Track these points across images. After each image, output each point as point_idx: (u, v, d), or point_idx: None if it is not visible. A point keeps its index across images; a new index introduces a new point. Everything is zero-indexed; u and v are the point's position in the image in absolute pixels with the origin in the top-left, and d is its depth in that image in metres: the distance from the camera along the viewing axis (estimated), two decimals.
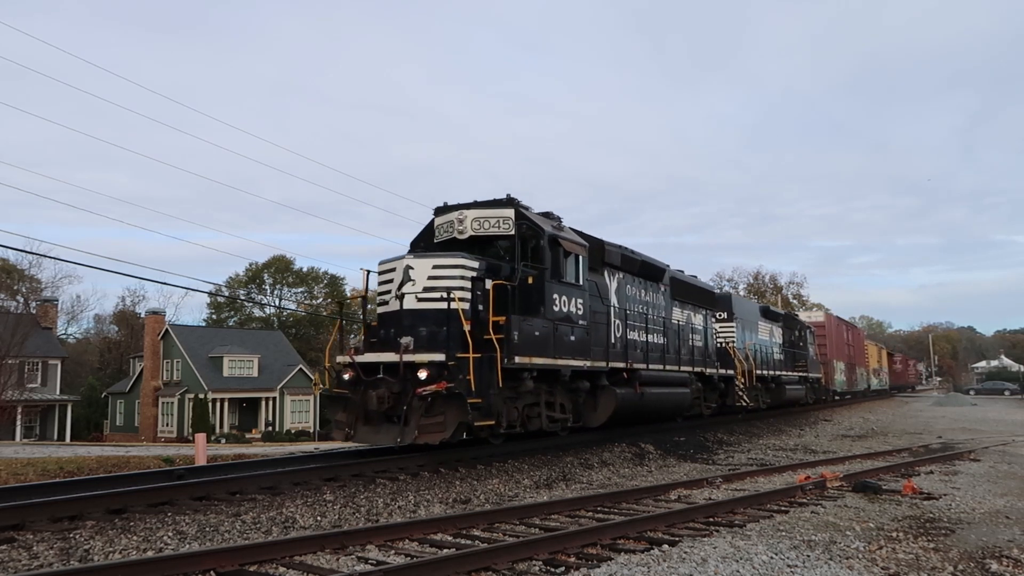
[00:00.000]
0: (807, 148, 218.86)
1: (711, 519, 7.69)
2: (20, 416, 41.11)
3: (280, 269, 69.26)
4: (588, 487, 10.44)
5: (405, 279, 10.86)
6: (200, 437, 14.13)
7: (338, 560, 5.93)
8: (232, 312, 69.22)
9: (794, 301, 72.30)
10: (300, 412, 49.50)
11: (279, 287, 71.59)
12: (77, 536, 6.16)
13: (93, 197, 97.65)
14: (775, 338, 27.16)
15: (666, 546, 6.37)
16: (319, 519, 7.46)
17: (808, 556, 6.11)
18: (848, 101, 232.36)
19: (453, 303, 10.40)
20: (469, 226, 12.36)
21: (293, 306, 69.59)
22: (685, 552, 6.15)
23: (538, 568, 5.74)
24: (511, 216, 12.17)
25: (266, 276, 69.90)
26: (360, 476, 9.50)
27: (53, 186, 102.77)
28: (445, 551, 6.06)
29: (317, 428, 46.34)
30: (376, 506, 8.19)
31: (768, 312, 27.75)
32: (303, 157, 74.94)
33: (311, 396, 47.96)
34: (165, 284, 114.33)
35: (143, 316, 55.12)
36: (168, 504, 7.42)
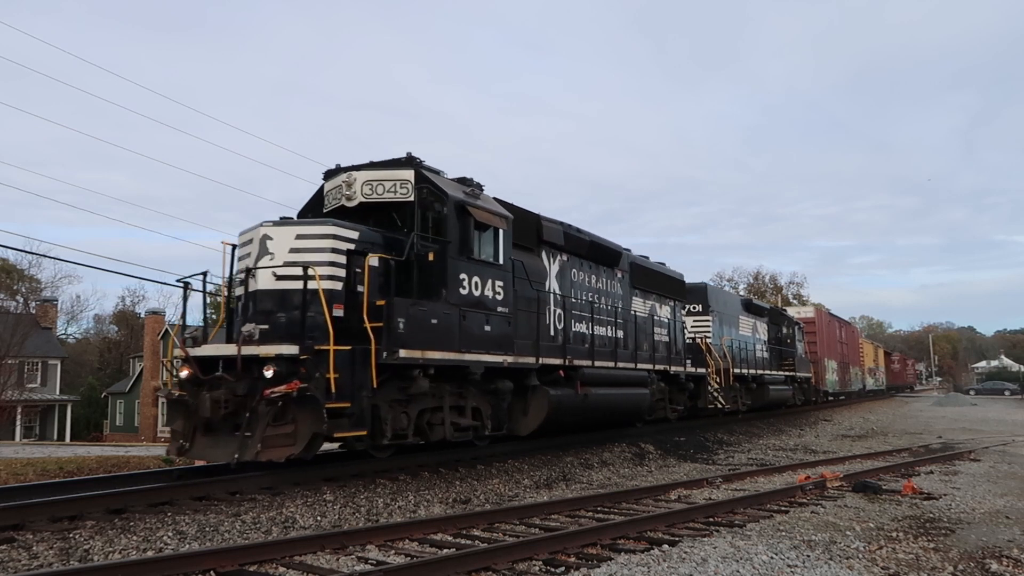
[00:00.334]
0: (808, 148, 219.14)
1: (711, 519, 7.69)
2: (20, 416, 41.10)
3: None
4: (588, 487, 10.44)
5: (262, 252, 8.88)
6: None
7: (338, 560, 5.92)
8: None
9: (794, 301, 72.08)
10: None
11: None
12: (77, 536, 6.16)
13: (93, 197, 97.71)
14: (759, 334, 25.13)
15: (666, 546, 6.37)
16: (319, 519, 7.46)
17: (808, 556, 6.11)
18: (849, 101, 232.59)
19: (312, 282, 8.42)
20: (359, 191, 10.24)
21: None
22: (685, 552, 6.15)
23: (538, 568, 5.73)
24: (410, 179, 10.06)
25: None
26: (360, 476, 9.49)
27: (53, 186, 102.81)
28: (445, 551, 6.06)
29: None
30: (376, 506, 8.18)
31: (751, 306, 25.54)
32: (304, 157, 75.00)
33: None
34: (165, 284, 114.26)
35: (143, 316, 55.10)
36: (168, 504, 7.42)
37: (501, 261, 10.90)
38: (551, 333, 12.33)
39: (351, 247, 9.22)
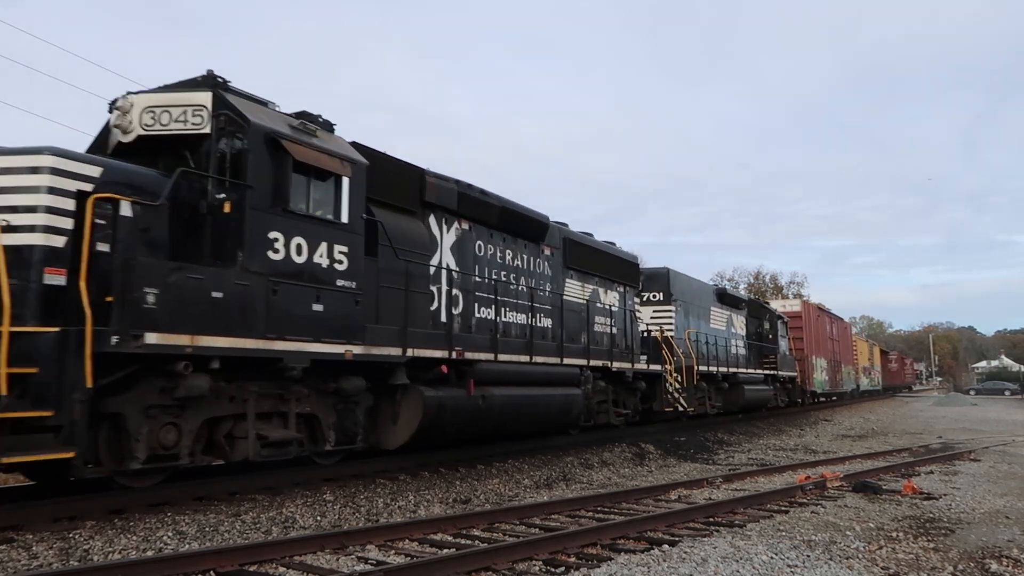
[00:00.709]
0: (810, 147, 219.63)
1: (711, 519, 7.69)
2: None
3: None
4: (588, 487, 10.44)
5: None
6: None
7: (338, 560, 5.92)
8: None
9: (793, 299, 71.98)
10: None
11: None
12: (76, 536, 6.15)
13: None
14: (735, 328, 23.04)
15: (666, 546, 6.36)
16: (319, 519, 7.46)
17: (808, 556, 6.11)
18: (851, 100, 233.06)
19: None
20: (138, 120, 7.74)
21: None
22: (685, 552, 6.15)
23: (538, 568, 5.73)
24: (205, 104, 7.66)
25: None
26: (360, 476, 9.49)
27: None
28: (445, 551, 6.05)
29: None
30: (376, 506, 8.18)
31: (725, 296, 23.16)
32: None
33: None
34: None
35: None
36: (167, 504, 7.41)
37: (345, 219, 8.41)
38: (441, 319, 10.19)
39: (85, 187, 6.65)
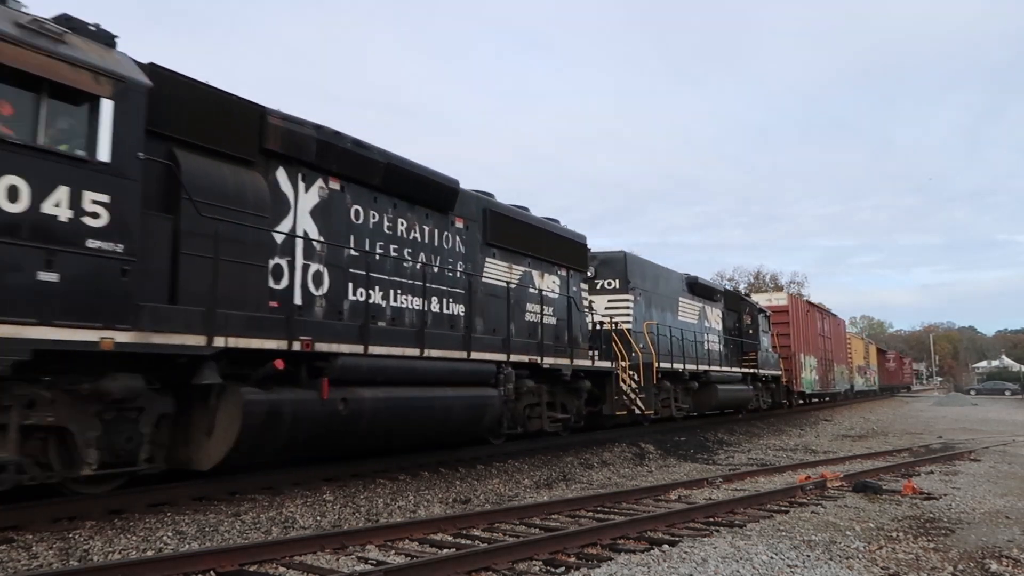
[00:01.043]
0: (810, 147, 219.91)
1: (711, 519, 7.68)
2: None
3: None
4: (588, 487, 10.44)
5: None
6: None
7: (338, 560, 5.92)
8: None
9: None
10: None
11: None
12: (76, 536, 6.15)
13: None
14: (709, 322, 21.19)
15: (666, 546, 6.36)
16: (319, 519, 7.46)
17: (808, 556, 6.11)
18: (852, 99, 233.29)
19: None
20: None
21: None
22: (685, 552, 6.15)
23: (538, 568, 5.73)
24: None
25: None
26: (360, 476, 9.49)
27: None
28: (445, 551, 6.05)
29: None
30: (376, 506, 8.18)
31: (698, 287, 20.87)
32: None
33: None
34: None
35: None
36: (167, 504, 7.41)
37: (105, 157, 6.34)
38: (295, 300, 8.34)
39: None
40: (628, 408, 14.88)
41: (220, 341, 7.08)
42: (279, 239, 8.34)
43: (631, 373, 15.05)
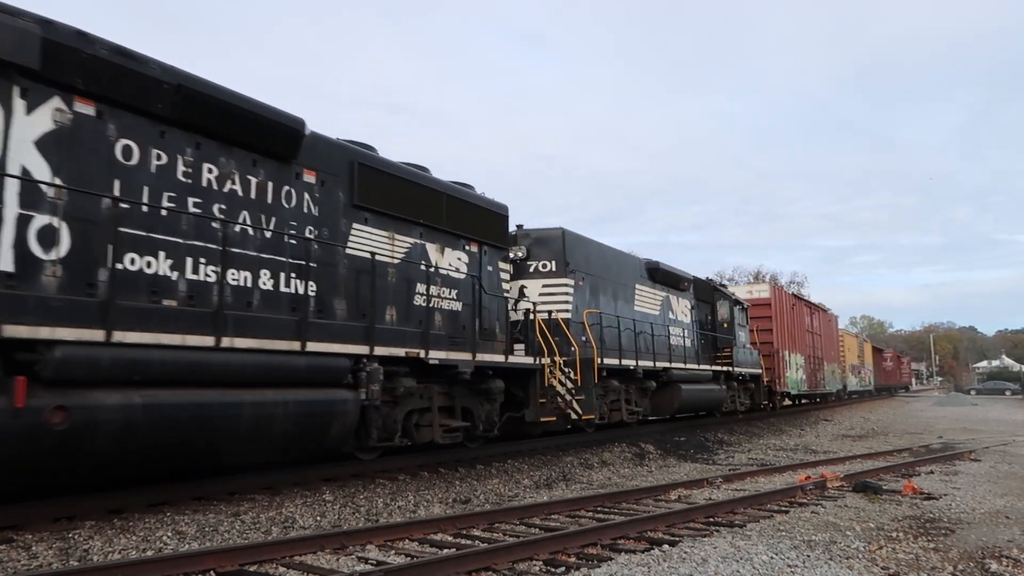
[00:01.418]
0: (810, 146, 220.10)
1: (711, 519, 7.68)
2: None
3: None
4: (588, 487, 10.44)
5: None
6: None
7: (338, 560, 5.92)
8: None
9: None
10: None
11: None
12: (76, 536, 6.15)
13: None
14: (675, 314, 18.86)
15: (666, 546, 6.36)
16: (319, 519, 7.46)
17: (808, 556, 6.11)
18: (852, 99, 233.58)
19: None
20: None
21: None
22: (685, 552, 6.15)
23: (538, 568, 5.73)
24: None
25: None
26: (359, 476, 9.50)
27: None
28: (445, 551, 6.06)
29: None
30: (376, 506, 8.19)
31: (659, 273, 18.16)
32: None
33: None
34: None
35: None
36: (167, 504, 7.42)
37: None
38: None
39: None
40: (563, 412, 12.46)
41: None
42: None
43: (567, 371, 12.68)
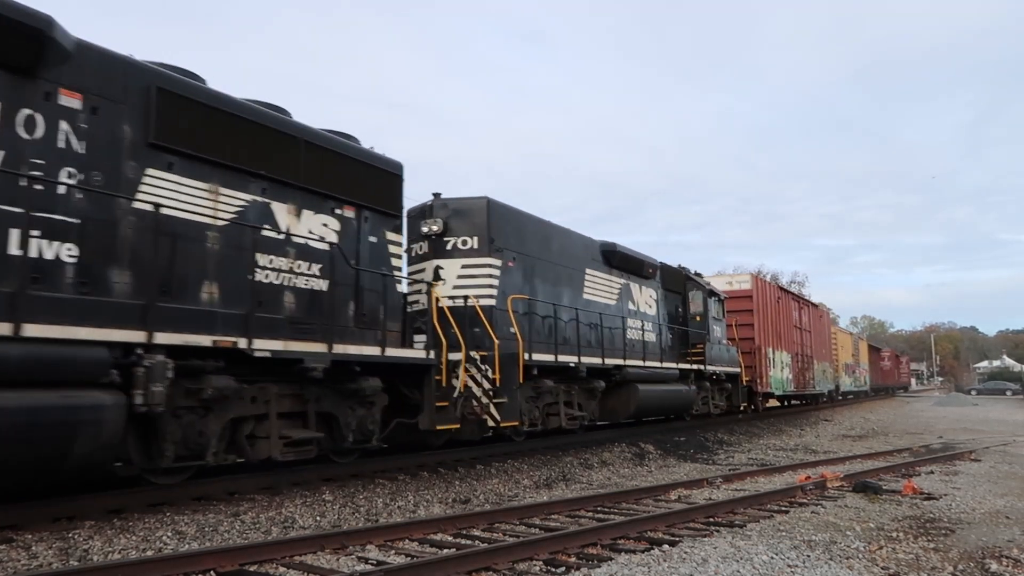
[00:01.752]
0: (812, 145, 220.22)
1: (711, 519, 7.68)
2: None
3: None
4: (588, 487, 10.44)
5: None
6: None
7: (338, 560, 5.92)
8: None
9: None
10: None
11: None
12: (76, 536, 6.16)
13: None
14: (637, 304, 16.48)
15: (666, 546, 6.36)
16: (318, 519, 7.46)
17: (808, 556, 6.10)
18: (854, 98, 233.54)
19: None
20: None
21: None
22: (685, 552, 6.15)
23: (538, 568, 5.73)
24: None
25: None
26: (359, 476, 9.50)
27: None
28: (445, 551, 6.06)
29: None
30: (375, 506, 8.19)
31: (617, 257, 15.73)
32: None
33: None
34: None
35: None
36: (166, 504, 7.41)
37: None
38: None
39: None
40: (478, 418, 10.53)
41: None
42: None
43: (484, 369, 10.67)
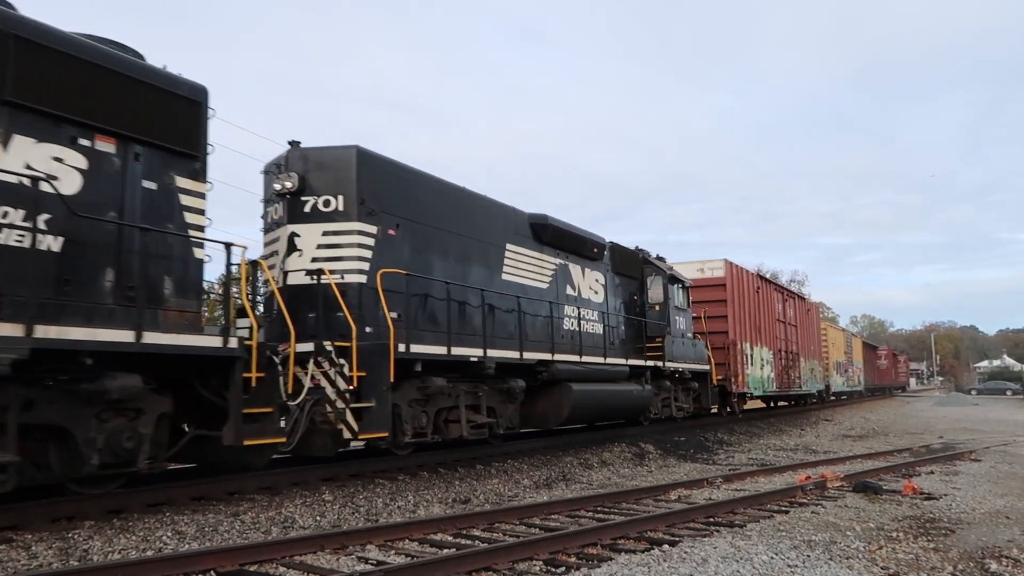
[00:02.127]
0: (812, 144, 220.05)
1: (711, 519, 7.68)
2: None
3: None
4: (588, 487, 10.44)
5: None
6: None
7: (338, 560, 5.92)
8: None
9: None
10: None
11: None
12: (76, 536, 6.16)
13: None
14: (578, 290, 14.03)
15: (666, 546, 6.36)
16: (318, 519, 7.46)
17: (808, 556, 6.10)
18: (854, 97, 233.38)
19: None
20: None
21: None
22: (685, 552, 6.15)
23: (538, 568, 5.73)
24: None
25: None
26: (359, 476, 9.49)
27: None
28: (445, 551, 6.06)
29: None
30: (375, 506, 8.19)
31: (549, 232, 13.11)
32: None
33: None
34: None
35: None
36: (166, 504, 7.42)
37: None
38: None
39: None
40: (332, 428, 8.47)
41: None
42: None
43: (340, 363, 8.53)
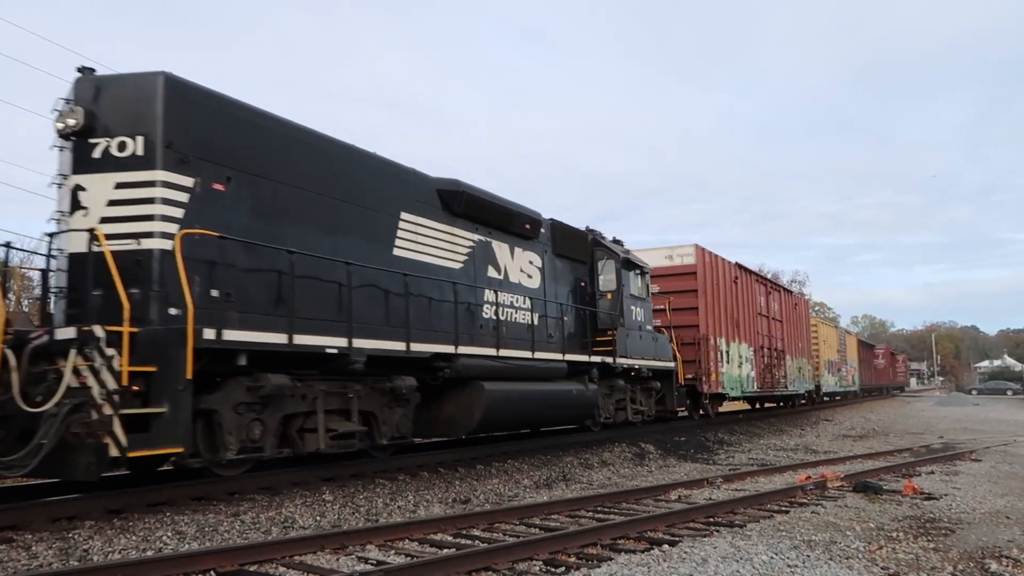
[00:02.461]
0: (812, 144, 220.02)
1: (711, 519, 7.68)
2: None
3: None
4: (588, 487, 10.44)
5: None
6: None
7: (338, 560, 5.93)
8: None
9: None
10: None
11: None
12: (76, 536, 6.16)
13: None
14: (504, 273, 12.15)
15: (666, 546, 6.36)
16: (318, 519, 7.46)
17: (808, 556, 6.10)
18: (854, 97, 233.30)
19: None
20: None
21: None
22: (685, 552, 6.15)
23: (538, 568, 5.73)
24: None
25: None
26: (359, 476, 9.50)
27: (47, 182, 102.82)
28: (445, 551, 6.06)
29: None
30: (375, 506, 8.19)
31: (461, 201, 11.06)
32: None
33: None
34: None
35: None
36: (166, 504, 7.42)
37: None
38: None
39: None
40: (96, 443, 6.21)
41: None
42: None
43: (110, 355, 6.34)
